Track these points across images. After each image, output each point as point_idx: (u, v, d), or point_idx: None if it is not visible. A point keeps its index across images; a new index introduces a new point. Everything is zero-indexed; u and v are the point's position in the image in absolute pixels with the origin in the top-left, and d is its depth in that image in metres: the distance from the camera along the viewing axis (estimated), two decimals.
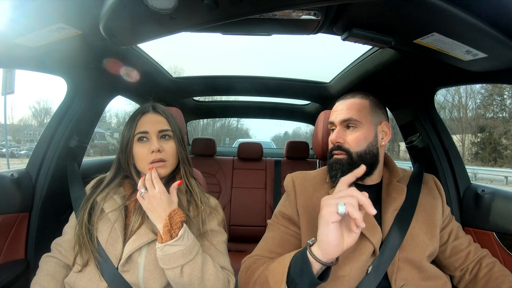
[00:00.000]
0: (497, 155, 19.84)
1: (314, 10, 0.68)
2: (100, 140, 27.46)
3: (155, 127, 0.83)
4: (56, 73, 1.10)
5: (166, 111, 0.89)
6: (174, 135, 0.86)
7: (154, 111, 0.86)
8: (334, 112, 0.87)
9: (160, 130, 0.83)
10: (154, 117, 0.85)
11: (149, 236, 0.76)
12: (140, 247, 0.76)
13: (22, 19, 0.68)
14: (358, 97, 0.86)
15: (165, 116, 0.87)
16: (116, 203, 0.82)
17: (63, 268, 0.82)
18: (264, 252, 0.82)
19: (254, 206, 2.10)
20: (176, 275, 0.70)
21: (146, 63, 1.30)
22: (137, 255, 0.76)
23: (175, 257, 0.69)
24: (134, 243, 0.76)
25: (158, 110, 0.87)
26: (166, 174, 0.83)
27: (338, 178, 0.82)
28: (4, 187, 0.98)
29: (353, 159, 0.81)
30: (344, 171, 0.81)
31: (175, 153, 0.85)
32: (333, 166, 0.83)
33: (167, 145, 0.83)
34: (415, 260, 0.78)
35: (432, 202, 0.88)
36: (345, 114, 0.83)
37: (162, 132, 0.84)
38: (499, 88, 20.40)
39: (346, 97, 0.88)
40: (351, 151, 0.82)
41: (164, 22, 0.61)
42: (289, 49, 47.34)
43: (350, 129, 0.84)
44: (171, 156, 0.84)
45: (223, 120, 29.49)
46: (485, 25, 0.62)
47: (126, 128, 0.84)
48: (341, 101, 0.88)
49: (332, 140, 0.85)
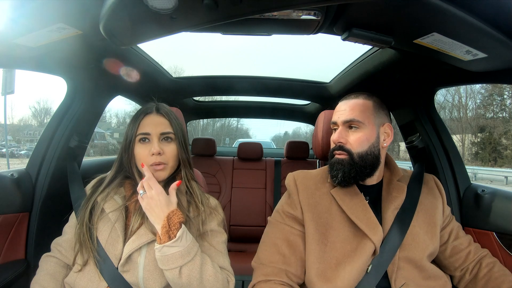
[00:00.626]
0: (497, 155, 19.83)
1: (314, 10, 0.68)
2: (100, 140, 27.46)
3: (157, 129, 0.83)
4: (56, 73, 1.10)
5: (170, 112, 0.88)
6: (176, 137, 0.85)
7: (157, 112, 0.86)
8: (337, 112, 0.87)
9: (162, 133, 0.83)
10: (156, 119, 0.85)
11: (148, 236, 0.76)
12: (140, 247, 0.76)
13: (22, 19, 0.68)
14: (361, 98, 0.86)
15: (168, 118, 0.86)
16: (117, 203, 0.82)
17: (63, 268, 0.82)
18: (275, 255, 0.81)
19: (254, 206, 2.10)
20: (175, 276, 0.70)
21: (146, 63, 1.30)
22: (136, 255, 0.76)
23: (174, 258, 0.69)
24: (134, 243, 0.76)
25: (161, 111, 0.87)
26: (165, 177, 0.83)
27: (339, 178, 0.82)
28: (4, 187, 0.98)
29: (354, 159, 0.81)
30: (345, 171, 0.81)
31: (175, 155, 0.84)
32: (334, 166, 0.84)
33: (168, 148, 0.83)
34: (415, 259, 0.79)
35: (432, 201, 0.88)
36: (348, 115, 0.83)
37: (164, 135, 0.83)
38: (499, 88, 20.40)
39: (349, 97, 0.88)
40: (353, 152, 0.82)
41: (164, 22, 0.61)
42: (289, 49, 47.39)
43: (352, 130, 0.84)
44: (172, 159, 0.83)
45: (223, 120, 29.49)
46: (485, 25, 0.62)
47: (129, 128, 0.84)
48: (344, 101, 0.88)
49: (334, 140, 0.85)
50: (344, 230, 0.81)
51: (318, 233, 0.81)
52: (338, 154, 0.84)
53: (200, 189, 0.90)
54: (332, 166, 0.84)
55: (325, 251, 0.79)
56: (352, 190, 0.85)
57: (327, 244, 0.79)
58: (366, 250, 0.77)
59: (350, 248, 0.78)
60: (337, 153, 0.84)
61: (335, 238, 0.80)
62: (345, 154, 0.82)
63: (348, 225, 0.81)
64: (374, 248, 0.77)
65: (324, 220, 0.82)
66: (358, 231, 0.79)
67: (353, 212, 0.80)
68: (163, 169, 0.81)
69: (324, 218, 0.83)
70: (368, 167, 0.82)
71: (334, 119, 0.87)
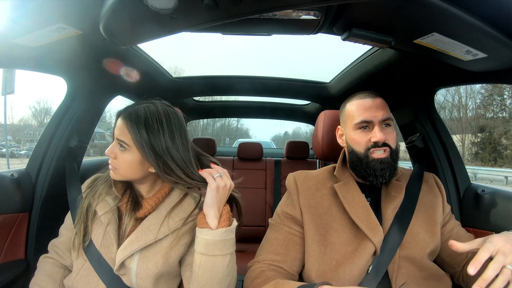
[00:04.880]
0: (497, 155, 19.83)
1: (314, 10, 0.68)
2: (100, 140, 27.45)
3: (116, 132, 0.76)
4: (56, 73, 1.09)
5: (135, 118, 0.74)
6: (136, 146, 0.73)
7: (122, 118, 0.76)
8: (368, 110, 0.84)
9: (118, 139, 0.76)
10: (120, 123, 0.76)
11: (140, 242, 0.74)
12: (132, 254, 0.74)
13: (22, 19, 0.68)
14: (379, 97, 0.87)
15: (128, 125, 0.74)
16: (108, 205, 0.79)
17: (61, 269, 0.82)
18: (270, 255, 0.82)
19: (254, 206, 2.10)
20: (225, 264, 0.71)
21: (146, 63, 1.30)
22: (129, 261, 0.75)
23: (230, 243, 0.72)
24: (126, 250, 0.74)
25: (123, 116, 0.76)
26: (117, 179, 0.79)
27: (386, 177, 0.82)
28: (4, 187, 0.98)
29: (393, 157, 0.83)
30: (390, 169, 0.82)
31: (129, 165, 0.75)
32: (378, 165, 0.82)
33: (121, 155, 0.76)
34: (415, 258, 0.79)
35: (432, 200, 0.88)
36: (384, 114, 0.83)
37: (119, 141, 0.75)
38: (499, 88, 20.40)
39: (368, 96, 0.87)
40: (393, 150, 0.84)
41: (164, 22, 0.61)
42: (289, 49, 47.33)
43: (388, 128, 0.85)
44: (123, 167, 0.76)
45: (223, 120, 29.49)
46: (485, 25, 0.62)
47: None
48: (367, 99, 0.86)
49: (380, 139, 0.82)
50: (345, 231, 0.81)
51: (318, 234, 0.81)
52: (383, 152, 0.82)
53: None
54: (375, 168, 0.82)
55: (325, 252, 0.79)
56: (354, 190, 0.85)
57: (327, 245, 0.79)
58: (366, 251, 0.77)
59: (350, 249, 0.78)
60: (380, 151, 0.82)
61: (335, 240, 0.80)
62: (388, 150, 0.83)
63: (348, 226, 0.81)
64: (375, 248, 0.77)
65: (324, 221, 0.82)
66: (359, 232, 0.79)
67: (354, 211, 0.80)
68: (113, 171, 0.77)
69: (324, 220, 0.83)
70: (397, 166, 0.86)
71: (369, 118, 0.83)
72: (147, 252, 0.75)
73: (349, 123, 0.88)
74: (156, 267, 0.74)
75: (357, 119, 0.85)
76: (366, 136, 0.84)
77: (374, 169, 0.82)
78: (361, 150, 0.84)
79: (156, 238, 0.75)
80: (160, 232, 0.76)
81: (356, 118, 0.85)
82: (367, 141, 0.83)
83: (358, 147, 0.85)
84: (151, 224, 0.77)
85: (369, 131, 0.84)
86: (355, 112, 0.86)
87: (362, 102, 0.86)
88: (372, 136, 0.82)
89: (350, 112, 0.88)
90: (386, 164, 0.81)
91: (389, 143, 0.83)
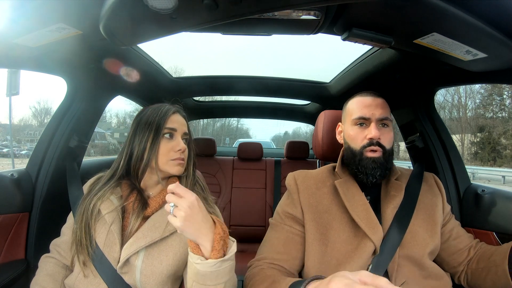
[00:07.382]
0: (496, 154, 19.86)
1: (314, 10, 0.68)
2: (101, 140, 27.46)
3: (181, 127, 0.85)
4: (56, 73, 1.09)
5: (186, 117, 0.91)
6: (190, 140, 0.90)
7: (180, 114, 0.88)
8: (367, 107, 0.85)
9: (185, 133, 0.86)
10: (180, 119, 0.87)
11: (146, 239, 0.75)
12: (137, 251, 0.75)
13: (22, 19, 0.68)
14: (381, 98, 0.88)
15: (187, 121, 0.90)
16: (113, 204, 0.80)
17: (62, 269, 0.82)
18: (270, 254, 0.82)
19: (254, 206, 2.10)
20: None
21: (146, 63, 1.30)
22: (134, 258, 0.75)
23: (225, 272, 0.62)
24: (132, 246, 0.74)
25: (182, 113, 0.90)
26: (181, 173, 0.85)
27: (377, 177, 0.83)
28: (4, 187, 0.98)
29: (386, 157, 0.83)
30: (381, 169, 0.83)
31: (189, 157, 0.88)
32: (369, 164, 0.83)
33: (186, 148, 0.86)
34: (415, 257, 0.79)
35: (432, 199, 0.88)
36: (382, 112, 0.84)
37: (186, 135, 0.87)
38: (499, 88, 20.41)
39: (370, 94, 0.88)
40: (387, 149, 0.84)
41: (164, 22, 0.61)
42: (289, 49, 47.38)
43: (385, 128, 0.85)
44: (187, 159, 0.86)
45: (223, 120, 29.50)
46: (485, 25, 0.62)
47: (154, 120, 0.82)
48: (368, 98, 0.87)
49: (374, 136, 0.82)
50: (345, 230, 0.81)
51: (319, 233, 0.81)
52: (375, 151, 0.83)
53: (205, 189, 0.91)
54: (366, 166, 0.83)
55: (325, 251, 0.79)
56: (354, 188, 0.85)
57: (328, 244, 0.80)
58: (366, 249, 0.77)
59: (350, 248, 0.78)
60: (373, 150, 0.83)
61: (335, 239, 0.80)
62: (381, 151, 0.83)
63: (348, 225, 0.81)
64: (374, 247, 0.77)
65: (324, 220, 0.83)
66: (359, 231, 0.79)
67: (354, 209, 0.81)
68: (183, 166, 0.84)
69: (324, 218, 0.83)
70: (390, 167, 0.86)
71: (367, 115, 0.84)
72: (153, 250, 0.75)
73: (347, 119, 0.89)
74: (161, 264, 0.75)
75: (355, 115, 0.86)
76: (363, 132, 0.85)
77: (366, 167, 0.83)
78: (356, 147, 0.86)
79: (162, 236, 0.75)
80: (166, 229, 0.76)
81: (354, 114, 0.86)
82: (363, 138, 0.84)
83: (354, 143, 0.86)
84: (157, 221, 0.78)
85: (365, 128, 0.85)
86: (354, 109, 0.87)
87: (363, 100, 0.87)
88: (368, 133, 0.84)
89: (350, 108, 0.89)
90: (378, 163, 0.82)
91: (384, 143, 0.83)
